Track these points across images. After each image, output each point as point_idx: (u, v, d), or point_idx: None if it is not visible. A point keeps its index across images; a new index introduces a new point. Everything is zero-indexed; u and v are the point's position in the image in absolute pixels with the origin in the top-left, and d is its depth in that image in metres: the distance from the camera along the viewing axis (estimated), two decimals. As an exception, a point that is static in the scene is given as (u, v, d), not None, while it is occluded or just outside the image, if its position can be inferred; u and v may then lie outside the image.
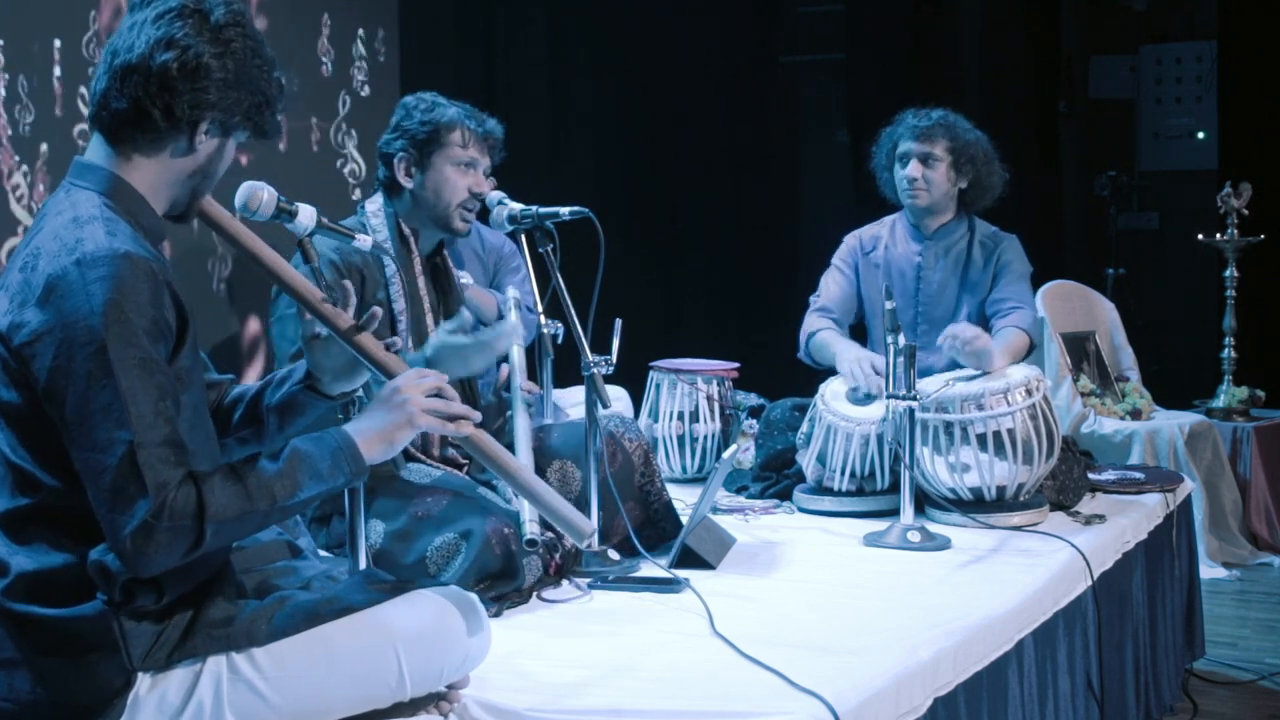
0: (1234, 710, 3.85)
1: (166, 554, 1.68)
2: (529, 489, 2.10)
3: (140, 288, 1.72)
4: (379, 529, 2.66)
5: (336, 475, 1.86)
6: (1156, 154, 8.44)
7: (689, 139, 6.98)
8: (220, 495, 1.72)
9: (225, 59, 1.85)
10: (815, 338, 3.91)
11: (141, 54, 1.82)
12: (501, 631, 2.28)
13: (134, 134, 1.85)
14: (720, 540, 3.07)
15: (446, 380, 2.02)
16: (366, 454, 1.89)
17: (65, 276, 1.71)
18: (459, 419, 1.99)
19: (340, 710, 1.87)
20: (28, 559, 1.75)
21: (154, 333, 1.73)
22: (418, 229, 3.01)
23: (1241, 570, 5.28)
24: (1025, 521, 3.33)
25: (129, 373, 1.69)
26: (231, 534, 1.78)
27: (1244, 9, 7.44)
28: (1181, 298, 7.76)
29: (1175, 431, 5.27)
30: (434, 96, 3.03)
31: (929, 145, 3.79)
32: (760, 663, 2.20)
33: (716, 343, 5.16)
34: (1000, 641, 2.58)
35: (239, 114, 1.89)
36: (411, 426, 1.94)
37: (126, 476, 1.67)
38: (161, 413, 1.71)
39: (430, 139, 2.95)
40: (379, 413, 1.94)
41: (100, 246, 1.73)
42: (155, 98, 1.82)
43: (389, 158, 2.99)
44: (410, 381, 1.97)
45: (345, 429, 1.91)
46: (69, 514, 1.74)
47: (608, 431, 3.03)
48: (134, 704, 1.75)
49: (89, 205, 1.80)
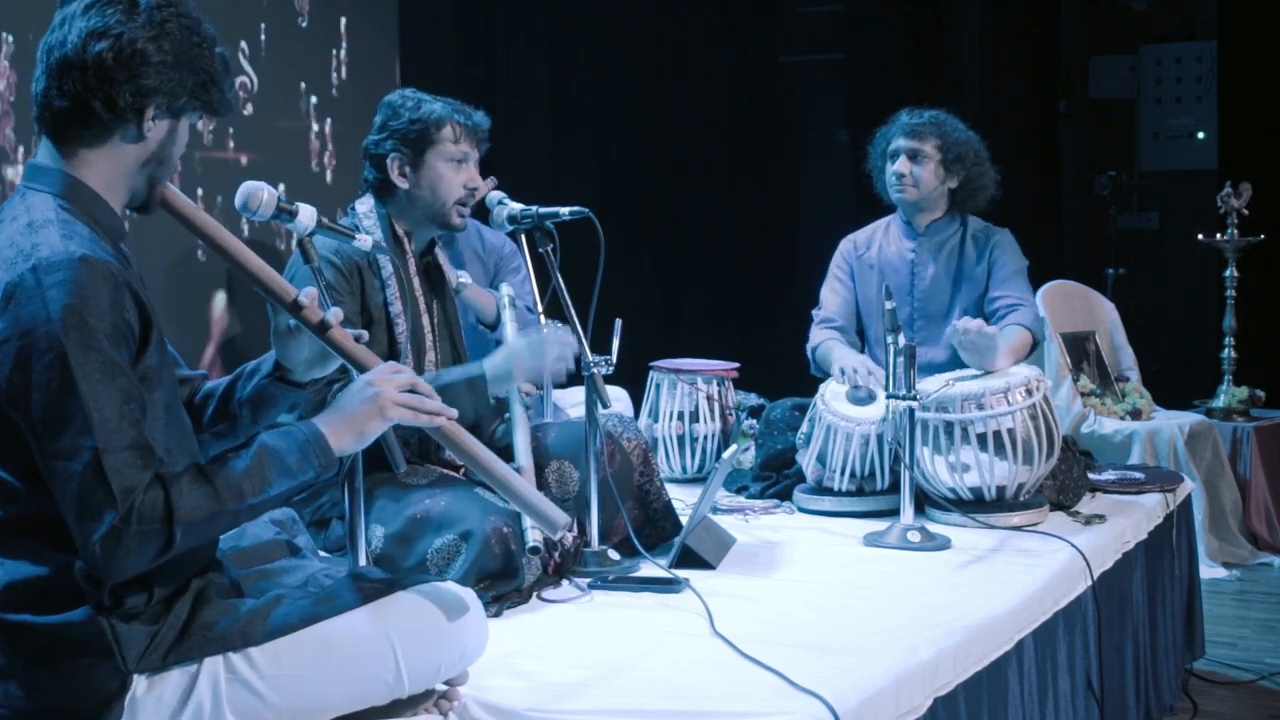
0: (1234, 710, 3.85)
1: (136, 558, 1.67)
2: (502, 480, 2.09)
3: (99, 291, 1.70)
4: (378, 533, 2.66)
5: (305, 469, 1.84)
6: (1156, 154, 8.44)
7: (689, 139, 6.99)
8: (189, 497, 1.71)
9: (161, 41, 1.81)
10: (819, 349, 3.95)
11: (75, 47, 1.79)
12: (501, 631, 2.28)
13: (79, 130, 1.81)
14: (720, 540, 3.07)
15: (420, 378, 2.01)
16: (335, 445, 1.88)
17: (22, 283, 1.69)
18: (432, 414, 1.98)
19: (339, 707, 1.87)
20: (15, 568, 1.75)
21: (115, 336, 1.71)
22: (411, 229, 2.99)
23: (1241, 570, 5.28)
24: (1025, 521, 3.33)
25: (91, 378, 1.67)
26: (202, 534, 1.76)
27: (1244, 9, 7.44)
28: (1181, 298, 7.76)
29: (1175, 431, 5.27)
30: (416, 93, 2.99)
31: (918, 142, 3.82)
32: (760, 663, 2.20)
33: (716, 343, 5.15)
34: (1000, 641, 2.58)
35: (184, 95, 1.85)
36: (382, 418, 1.92)
37: (93, 482, 1.66)
38: (126, 416, 1.69)
39: (421, 137, 2.92)
40: (349, 404, 1.93)
41: (56, 251, 1.70)
42: (95, 91, 1.78)
43: (380, 159, 2.96)
44: (383, 375, 1.96)
45: (314, 421, 1.89)
46: (49, 521, 1.73)
47: (606, 431, 3.03)
48: (131, 706, 1.75)
49: (44, 209, 1.77)
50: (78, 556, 1.71)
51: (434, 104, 2.96)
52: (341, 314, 2.06)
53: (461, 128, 2.96)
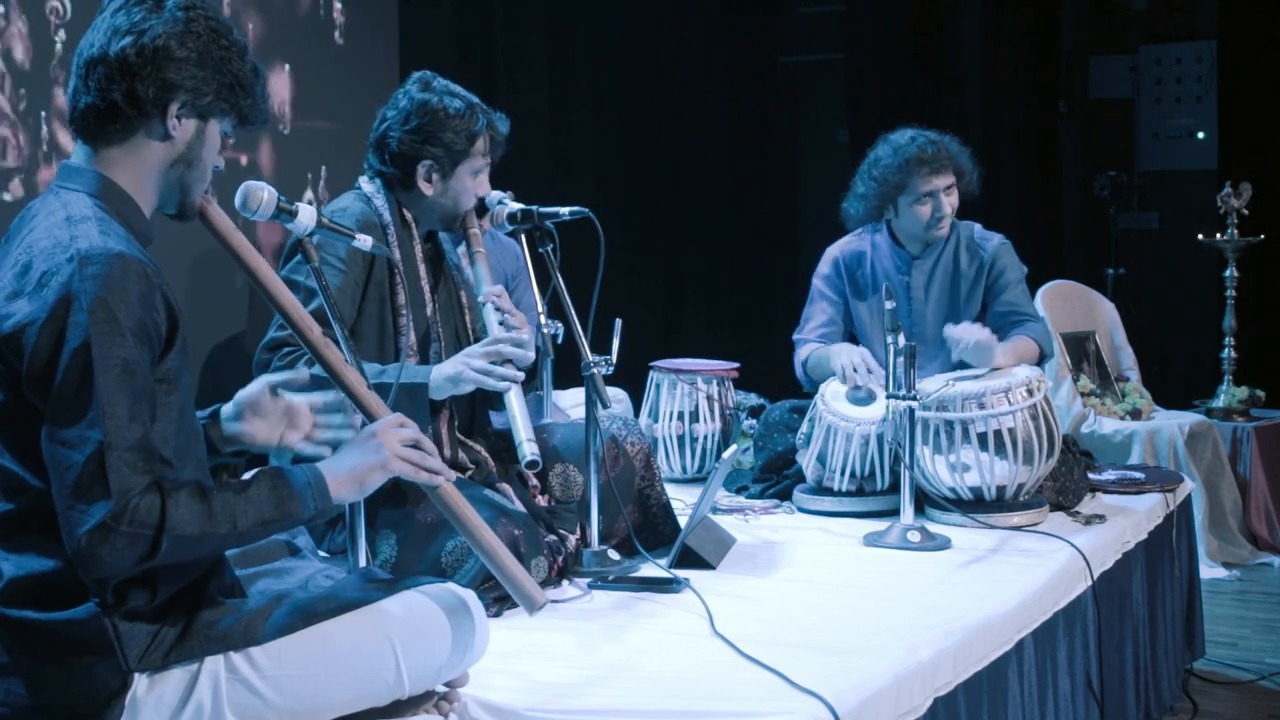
0: (1234, 710, 3.85)
1: (119, 559, 1.68)
2: (489, 551, 2.10)
3: (131, 288, 1.72)
4: (391, 540, 2.66)
5: (302, 510, 1.85)
6: (1156, 154, 8.44)
7: (689, 139, 6.98)
8: (184, 510, 1.72)
9: (185, 39, 1.85)
10: (811, 359, 3.87)
11: (101, 45, 1.84)
12: (501, 631, 2.28)
13: (106, 127, 1.85)
14: (720, 540, 3.07)
15: (422, 433, 2.01)
16: (335, 493, 1.89)
17: (58, 273, 1.72)
18: (431, 472, 1.99)
19: (339, 708, 1.87)
20: (18, 564, 1.75)
21: (141, 334, 1.73)
22: (418, 217, 2.96)
23: (1241, 570, 5.28)
24: (1025, 521, 3.33)
25: (109, 373, 1.69)
26: (186, 551, 1.75)
27: (1244, 9, 7.44)
28: (1181, 298, 7.75)
29: (1175, 431, 5.27)
30: (447, 92, 2.89)
31: (946, 178, 3.73)
32: (760, 663, 2.20)
33: (716, 343, 5.16)
34: (1000, 641, 2.58)
35: (209, 95, 1.88)
36: (384, 471, 1.94)
37: (92, 475, 1.67)
38: (136, 416, 1.70)
39: (463, 151, 2.88)
40: (354, 454, 1.94)
41: (95, 245, 1.73)
42: (117, 84, 1.82)
43: (408, 160, 2.87)
44: (389, 427, 1.98)
45: (318, 466, 1.90)
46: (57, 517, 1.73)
47: (610, 434, 3.03)
48: (132, 706, 1.75)
49: (81, 206, 1.80)
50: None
51: (477, 116, 2.88)
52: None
53: (490, 140, 2.93)
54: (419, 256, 2.94)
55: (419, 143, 2.86)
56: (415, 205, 2.94)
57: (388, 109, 2.93)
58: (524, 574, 2.14)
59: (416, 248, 2.94)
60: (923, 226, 3.77)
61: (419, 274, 2.93)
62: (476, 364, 2.72)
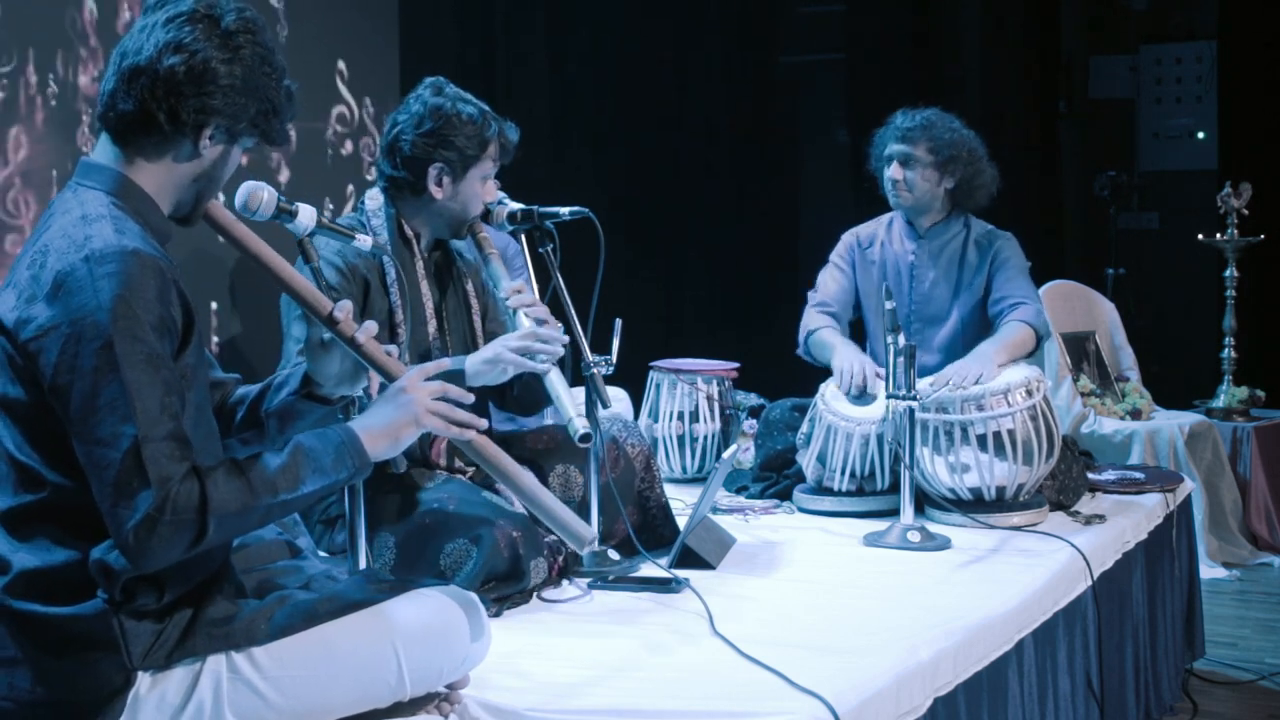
0: (1234, 710, 3.85)
1: (169, 548, 1.69)
2: (531, 495, 2.11)
3: (148, 284, 1.73)
4: (389, 542, 2.66)
5: (340, 470, 1.87)
6: (1156, 154, 8.44)
7: (689, 139, 6.98)
8: (223, 489, 1.73)
9: (233, 65, 1.86)
10: (815, 335, 3.90)
11: (150, 56, 1.83)
12: (501, 631, 2.28)
13: (139, 136, 1.86)
14: (720, 540, 3.07)
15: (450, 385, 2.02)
16: (370, 450, 1.91)
17: (74, 273, 1.72)
18: (462, 425, 1.99)
19: (340, 709, 1.87)
20: (29, 556, 1.76)
21: (160, 329, 1.74)
22: (421, 230, 2.96)
23: (1241, 570, 5.28)
24: (1025, 521, 3.33)
25: (135, 367, 1.70)
26: (234, 528, 1.78)
27: (1244, 9, 7.44)
28: (1181, 298, 7.75)
29: (1175, 431, 5.27)
30: (458, 97, 2.89)
31: (910, 147, 3.79)
32: (760, 663, 2.20)
33: (716, 343, 5.15)
34: (1000, 641, 2.59)
35: (245, 120, 1.90)
36: (417, 425, 1.95)
37: (131, 471, 1.68)
38: (167, 408, 1.72)
39: (475, 156, 2.88)
40: (385, 410, 1.95)
41: (109, 243, 1.74)
42: (161, 101, 1.83)
43: (419, 164, 2.86)
44: (416, 382, 1.98)
45: (350, 425, 1.92)
46: (73, 512, 1.75)
47: (610, 436, 3.03)
48: (134, 703, 1.76)
49: (97, 204, 1.81)
50: (96, 549, 1.73)
51: (489, 122, 2.89)
52: (375, 328, 2.07)
53: (500, 146, 2.93)
54: (420, 274, 2.94)
55: (432, 146, 2.86)
56: (423, 213, 2.93)
57: (399, 113, 2.93)
58: (568, 513, 2.14)
59: (418, 264, 2.94)
60: (889, 187, 3.84)
61: (420, 291, 2.92)
62: (515, 344, 2.74)
